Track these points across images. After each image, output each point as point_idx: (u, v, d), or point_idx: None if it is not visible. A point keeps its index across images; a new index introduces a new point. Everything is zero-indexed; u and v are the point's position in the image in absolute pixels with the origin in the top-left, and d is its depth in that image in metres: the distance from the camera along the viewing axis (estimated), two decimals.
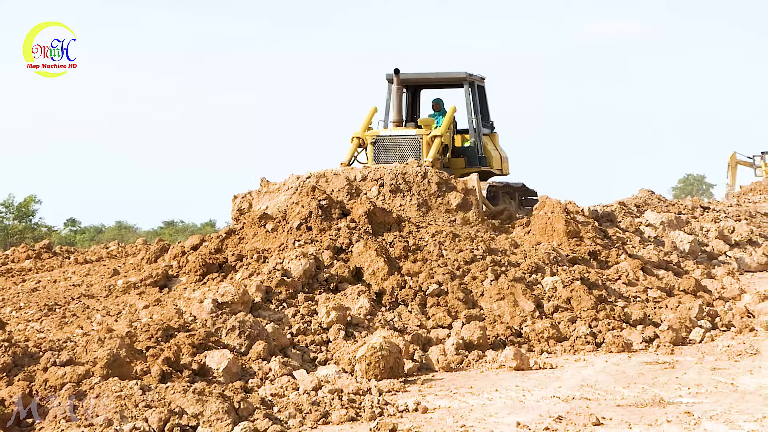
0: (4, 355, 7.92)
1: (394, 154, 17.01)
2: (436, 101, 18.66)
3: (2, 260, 16.87)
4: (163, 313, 9.87)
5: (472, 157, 18.08)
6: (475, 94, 18.24)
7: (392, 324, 10.33)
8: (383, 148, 17.10)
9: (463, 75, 18.22)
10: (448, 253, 12.35)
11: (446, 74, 18.73)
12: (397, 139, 17.17)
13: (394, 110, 17.55)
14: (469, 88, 18.16)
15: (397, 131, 17.29)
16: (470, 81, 18.23)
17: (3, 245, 32.52)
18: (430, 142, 16.93)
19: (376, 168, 16.01)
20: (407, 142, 17.07)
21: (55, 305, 11.17)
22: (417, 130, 17.27)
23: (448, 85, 19.14)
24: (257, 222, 12.85)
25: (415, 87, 19.22)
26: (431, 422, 7.30)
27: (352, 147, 17.35)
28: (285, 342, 9.48)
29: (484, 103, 18.71)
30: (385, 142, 17.16)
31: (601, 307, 11.31)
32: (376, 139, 17.14)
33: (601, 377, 8.80)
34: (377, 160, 16.96)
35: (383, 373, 8.74)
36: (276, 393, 8.13)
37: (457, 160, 18.01)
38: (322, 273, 11.33)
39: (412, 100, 19.24)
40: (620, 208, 19.11)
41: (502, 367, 9.30)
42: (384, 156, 17.02)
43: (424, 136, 16.95)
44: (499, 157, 18.80)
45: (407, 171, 15.69)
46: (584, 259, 13.82)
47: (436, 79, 18.89)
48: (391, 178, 15.52)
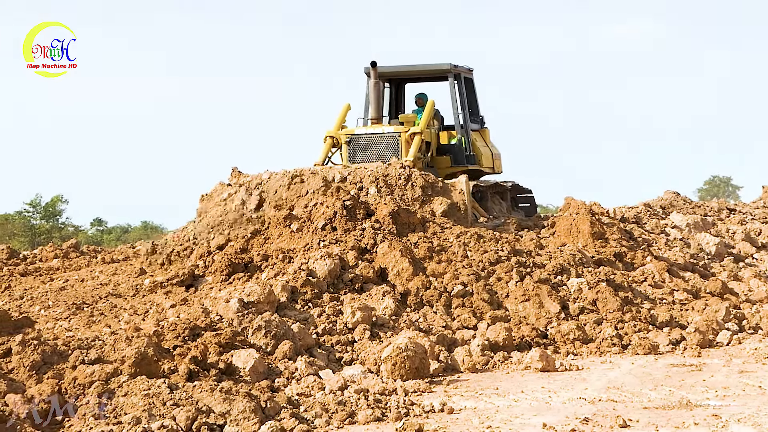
0: (33, 353, 7.98)
1: (370, 153, 15.75)
2: (419, 96, 17.27)
3: (30, 259, 17.01)
4: (190, 312, 9.92)
5: (459, 155, 16.77)
6: (462, 87, 16.96)
7: (417, 325, 10.34)
8: (359, 148, 15.84)
9: (446, 67, 16.91)
10: (472, 254, 12.34)
11: (429, 66, 17.34)
12: (373, 137, 15.87)
13: (372, 106, 16.20)
14: (455, 80, 16.88)
15: (373, 129, 15.98)
16: (455, 73, 16.93)
17: (31, 245, 32.78)
18: (409, 140, 15.64)
19: (356, 168, 14.87)
20: (384, 140, 15.81)
21: (83, 304, 11.26)
22: (395, 127, 16.01)
23: (431, 78, 17.74)
24: (282, 222, 12.89)
25: (399, 81, 17.88)
26: (457, 423, 7.31)
27: (325, 147, 15.98)
28: (311, 342, 9.51)
29: (472, 97, 17.45)
30: (361, 140, 15.87)
31: (627, 308, 11.28)
32: (351, 138, 15.86)
33: (628, 379, 8.78)
34: (353, 161, 15.72)
35: (409, 374, 8.75)
36: (302, 392, 8.17)
37: (442, 159, 16.75)
38: (347, 273, 11.36)
39: (396, 96, 17.91)
40: (645, 210, 19.03)
41: (528, 369, 9.29)
42: (360, 156, 15.77)
43: (403, 134, 15.69)
44: (490, 155, 17.48)
45: (389, 173, 14.58)
46: (610, 261, 13.76)
47: (417, 72, 17.52)
48: (371, 180, 14.39)
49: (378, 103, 16.19)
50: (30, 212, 39.15)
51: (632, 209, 18.81)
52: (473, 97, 17.56)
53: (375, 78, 16.02)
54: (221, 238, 13.06)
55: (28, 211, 39.14)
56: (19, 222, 38.61)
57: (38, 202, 39.32)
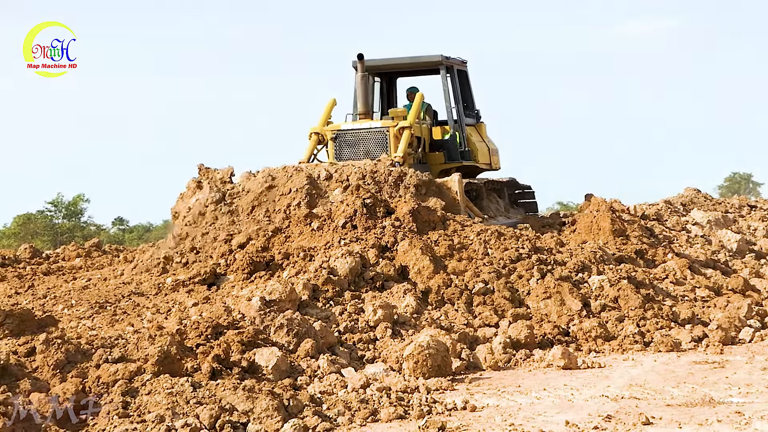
0: (57, 351, 8.02)
1: (358, 150, 15.21)
2: (411, 90, 16.71)
3: (53, 259, 17.13)
4: (212, 310, 9.96)
5: (453, 151, 16.27)
6: (455, 80, 16.48)
7: (439, 322, 10.35)
8: (345, 144, 15.27)
9: (437, 59, 16.37)
10: (493, 251, 12.33)
11: (419, 59, 16.71)
12: (360, 132, 15.29)
13: (360, 101, 15.57)
14: (446, 73, 16.38)
15: (360, 124, 15.41)
16: (447, 65, 16.42)
17: (53, 244, 33.00)
18: (398, 135, 15.07)
19: (343, 165, 14.31)
20: (372, 135, 15.24)
21: (106, 303, 11.31)
22: (383, 122, 15.45)
23: (422, 72, 17.20)
24: (303, 220, 12.92)
25: (390, 76, 17.40)
26: (480, 420, 7.31)
27: (310, 143, 15.45)
28: (333, 340, 9.53)
29: (466, 90, 16.96)
30: (348, 136, 15.31)
31: (648, 306, 11.26)
32: (337, 133, 15.30)
33: (650, 377, 8.76)
34: (339, 158, 15.18)
35: (431, 372, 8.75)
36: (325, 391, 8.18)
37: (435, 155, 16.25)
38: (368, 271, 11.37)
39: (387, 90, 17.43)
40: (666, 207, 18.97)
41: (550, 366, 9.28)
42: (347, 152, 15.24)
43: (391, 129, 15.10)
44: (486, 150, 16.98)
45: (378, 170, 14.06)
46: (631, 258, 13.74)
47: (407, 64, 16.91)
48: (358, 178, 13.85)
49: (366, 97, 15.66)
50: (52, 211, 39.42)
51: (653, 206, 18.77)
52: (468, 90, 17.09)
53: (362, 71, 15.50)
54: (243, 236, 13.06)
55: (50, 211, 39.44)
56: (42, 221, 38.89)
57: (60, 201, 39.59)
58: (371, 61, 16.00)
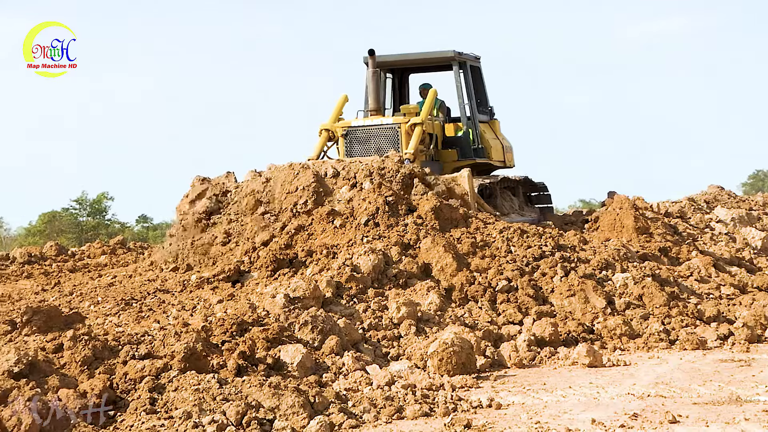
0: (84, 348, 8.07)
1: (369, 146, 15.05)
2: (424, 86, 16.60)
3: (79, 256, 17.26)
4: (237, 307, 10.00)
5: (466, 148, 16.12)
6: (468, 76, 16.34)
7: (463, 320, 10.36)
8: (356, 141, 15.10)
9: (450, 54, 16.23)
10: (516, 249, 12.32)
11: (431, 54, 16.63)
12: (371, 129, 15.11)
13: (371, 97, 15.47)
14: (459, 69, 16.23)
15: (371, 120, 15.24)
16: (460, 61, 16.26)
17: (78, 241, 33.21)
18: (410, 132, 14.92)
19: (350, 162, 14.15)
20: (383, 132, 15.08)
21: (132, 300, 11.37)
22: (394, 119, 15.32)
23: (434, 68, 17.08)
24: (325, 218, 12.95)
25: (402, 72, 17.30)
26: (505, 418, 7.30)
27: (320, 140, 15.36)
28: (357, 337, 9.55)
29: (479, 87, 16.80)
30: (358, 133, 15.13)
31: (673, 303, 11.22)
32: (348, 130, 15.14)
33: (676, 375, 8.73)
34: (350, 154, 15.00)
35: (455, 369, 8.76)
36: (350, 387, 8.20)
37: (448, 152, 16.09)
38: (391, 269, 11.39)
39: (399, 87, 17.34)
40: (690, 205, 18.90)
41: (575, 364, 9.27)
42: (358, 149, 15.06)
43: (403, 125, 14.96)
44: (500, 147, 16.79)
45: (386, 166, 13.86)
46: (655, 256, 13.71)
47: (419, 60, 16.80)
48: (366, 174, 13.70)
49: (377, 93, 15.54)
50: (77, 209, 39.67)
51: (676, 204, 18.71)
52: (481, 86, 16.94)
53: (373, 67, 15.41)
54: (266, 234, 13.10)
55: (75, 208, 39.69)
56: (67, 219, 39.15)
57: (84, 199, 39.84)
58: (383, 56, 15.90)
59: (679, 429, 6.88)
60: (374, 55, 15.31)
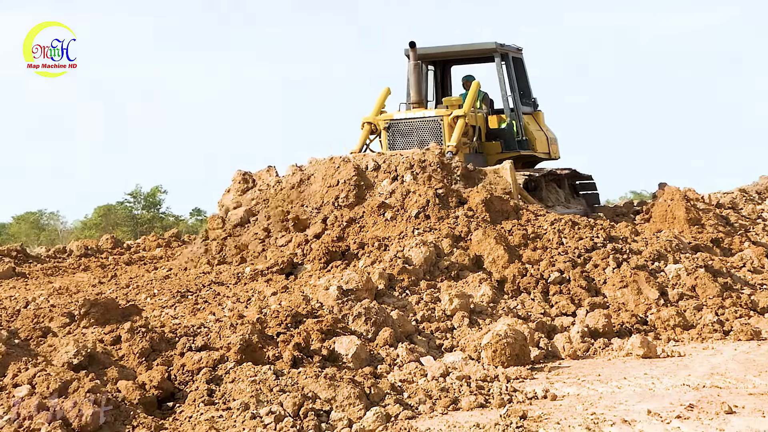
0: (142, 340, 8.17)
1: (411, 139, 15.04)
2: (466, 78, 16.54)
3: (134, 249, 17.50)
4: (291, 299, 10.09)
5: (510, 140, 16.02)
6: (510, 68, 16.21)
7: (516, 312, 10.38)
8: (399, 133, 15.12)
9: (492, 46, 16.12)
10: (567, 240, 12.31)
11: (472, 46, 16.51)
12: (413, 122, 15.11)
13: (413, 89, 15.43)
14: (501, 60, 16.14)
15: (413, 113, 15.23)
16: (502, 53, 16.16)
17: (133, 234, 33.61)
18: (452, 124, 14.85)
19: (391, 155, 14.12)
20: (425, 125, 15.07)
21: (188, 292, 11.50)
22: (437, 111, 15.27)
23: (476, 59, 16.93)
24: (377, 210, 13.01)
25: (444, 64, 17.16)
26: (560, 409, 7.32)
27: (363, 133, 15.33)
28: (410, 329, 9.60)
29: (522, 78, 16.70)
30: (401, 126, 15.14)
31: (726, 294, 11.16)
32: (390, 123, 15.16)
33: (731, 365, 8.69)
34: (393, 147, 14.99)
35: (509, 361, 8.78)
36: (405, 379, 8.25)
37: (492, 144, 16.00)
38: (443, 261, 11.42)
39: (441, 79, 17.23)
40: (741, 195, 18.75)
41: (629, 355, 9.25)
42: (400, 142, 15.07)
43: (445, 117, 14.92)
44: (545, 139, 16.67)
45: (426, 159, 13.83)
46: (707, 247, 13.63)
47: (460, 52, 16.66)
48: (406, 167, 13.72)
49: (419, 86, 15.48)
50: (131, 202, 40.14)
51: (727, 195, 18.56)
52: (524, 77, 16.83)
53: (415, 59, 15.32)
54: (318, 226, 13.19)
55: (130, 202, 40.15)
56: (122, 212, 39.62)
57: (139, 192, 40.29)
58: (424, 49, 15.82)
59: (735, 420, 6.86)
60: (415, 47, 15.23)
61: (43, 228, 40.46)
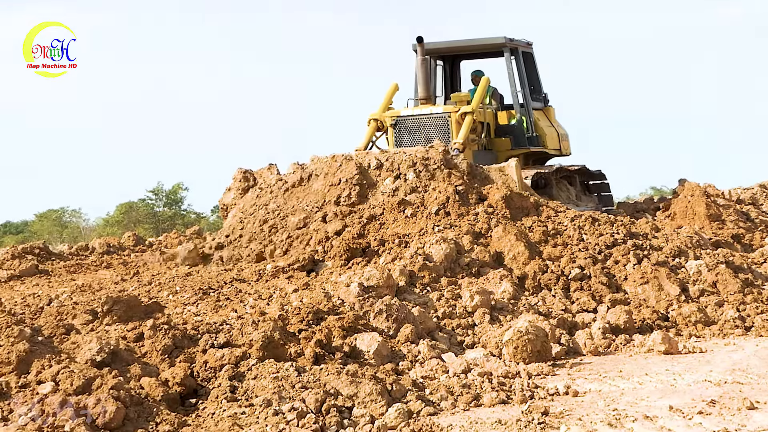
0: (165, 337, 8.22)
1: (418, 136, 14.75)
2: (475, 73, 16.18)
3: (156, 246, 17.57)
4: (312, 296, 10.12)
5: (520, 137, 15.71)
6: (520, 63, 15.91)
7: (536, 308, 10.38)
8: (406, 130, 14.84)
9: (501, 41, 15.78)
10: (588, 237, 12.30)
11: (481, 41, 16.18)
12: (421, 118, 14.82)
13: (421, 85, 15.14)
14: (511, 55, 15.81)
15: (421, 110, 14.95)
16: (511, 48, 15.84)
17: (155, 231, 33.72)
18: (460, 120, 14.60)
19: (394, 153, 13.92)
20: (433, 121, 14.76)
21: (209, 289, 11.54)
22: (445, 107, 14.99)
23: (485, 54, 16.68)
24: (396, 207, 13.03)
25: (452, 59, 16.88)
26: (582, 405, 7.33)
27: (369, 130, 15.12)
28: (432, 325, 9.62)
29: (532, 73, 16.37)
30: (408, 122, 14.86)
31: (748, 290, 11.13)
32: (397, 120, 14.86)
33: (753, 361, 8.67)
34: (399, 144, 14.75)
35: (531, 357, 8.79)
36: (426, 375, 8.27)
37: (501, 141, 15.71)
38: (463, 257, 11.44)
39: (450, 74, 16.95)
40: (762, 191, 18.68)
41: (651, 351, 9.25)
42: (407, 139, 14.79)
43: (453, 114, 14.64)
44: (556, 135, 16.34)
45: (430, 156, 13.69)
46: (728, 243, 13.60)
47: (469, 47, 16.39)
48: (409, 165, 13.61)
49: (426, 81, 15.20)
50: (153, 200, 40.27)
51: (747, 190, 18.50)
52: (534, 73, 16.51)
53: (422, 55, 15.07)
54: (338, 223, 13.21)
55: (151, 199, 40.29)
56: (143, 209, 39.76)
57: (160, 190, 40.41)
58: (432, 44, 15.62)
59: (757, 415, 6.86)
60: (423, 42, 14.99)
61: (66, 225, 40.65)
